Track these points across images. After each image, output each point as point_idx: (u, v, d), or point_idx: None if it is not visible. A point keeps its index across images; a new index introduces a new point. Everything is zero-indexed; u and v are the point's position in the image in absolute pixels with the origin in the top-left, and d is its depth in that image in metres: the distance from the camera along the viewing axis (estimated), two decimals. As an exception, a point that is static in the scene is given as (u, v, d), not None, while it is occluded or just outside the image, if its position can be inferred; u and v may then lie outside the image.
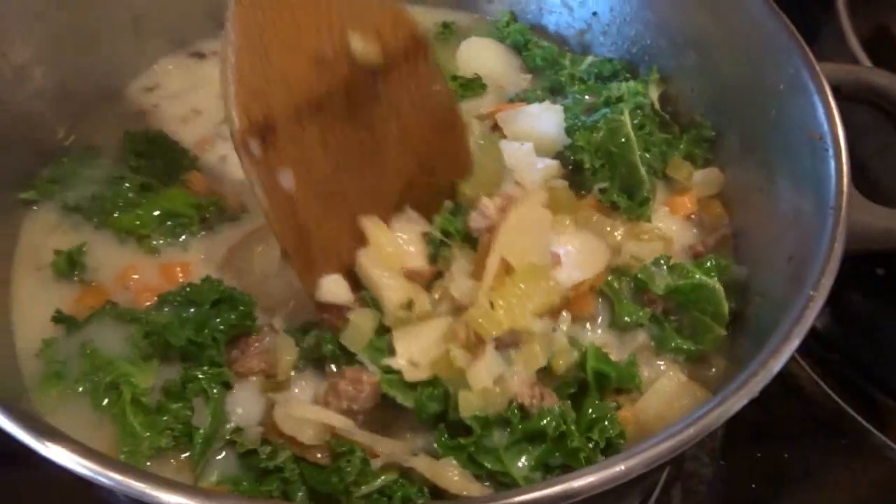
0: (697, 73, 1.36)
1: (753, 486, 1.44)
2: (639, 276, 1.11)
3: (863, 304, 1.58)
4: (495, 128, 1.36)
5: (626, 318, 1.10)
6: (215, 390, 0.99)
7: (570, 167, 1.28)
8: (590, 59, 1.48)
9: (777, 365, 0.83)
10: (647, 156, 1.25)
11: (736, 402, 0.82)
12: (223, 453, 0.98)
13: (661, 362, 1.12)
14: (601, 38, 1.53)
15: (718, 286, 1.08)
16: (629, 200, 1.23)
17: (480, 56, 1.53)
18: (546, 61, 1.50)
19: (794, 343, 0.85)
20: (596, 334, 1.12)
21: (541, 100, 1.40)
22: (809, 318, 0.85)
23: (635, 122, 1.26)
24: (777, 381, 1.69)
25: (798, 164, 1.08)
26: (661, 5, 1.41)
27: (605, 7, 1.50)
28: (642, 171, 1.23)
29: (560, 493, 0.73)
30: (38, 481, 1.25)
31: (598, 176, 1.25)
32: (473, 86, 1.47)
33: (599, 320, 1.13)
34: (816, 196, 0.99)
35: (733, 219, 1.27)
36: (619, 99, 1.30)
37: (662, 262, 1.13)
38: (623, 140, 1.24)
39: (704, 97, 1.35)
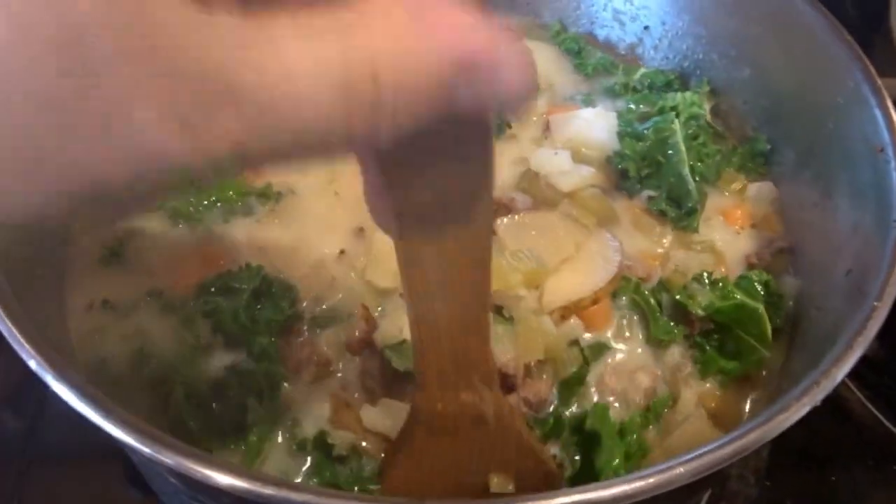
0: (751, 87, 1.35)
1: (800, 504, 1.42)
2: (678, 297, 1.11)
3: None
4: (546, 129, 1.38)
5: (662, 337, 1.10)
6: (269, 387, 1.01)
7: (618, 174, 1.29)
8: (643, 69, 1.49)
9: (840, 373, 0.82)
10: (700, 166, 1.25)
11: (797, 410, 0.80)
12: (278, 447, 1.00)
13: (706, 383, 1.12)
14: (652, 51, 1.54)
15: (761, 307, 1.07)
16: (677, 210, 1.23)
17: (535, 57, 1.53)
18: (599, 69, 1.51)
19: (857, 353, 0.83)
20: (628, 347, 1.12)
21: (593, 105, 1.41)
22: (873, 329, 0.84)
23: (689, 132, 1.26)
24: (825, 403, 1.66)
25: (857, 178, 1.07)
26: (714, 20, 1.40)
27: (657, 21, 1.51)
28: (691, 181, 1.23)
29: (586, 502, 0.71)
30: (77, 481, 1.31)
31: (644, 184, 1.26)
32: None
33: (629, 334, 1.13)
34: (878, 209, 0.98)
35: (788, 233, 1.26)
36: (674, 109, 1.31)
37: (705, 277, 1.12)
38: (671, 151, 1.24)
39: (758, 111, 1.35)
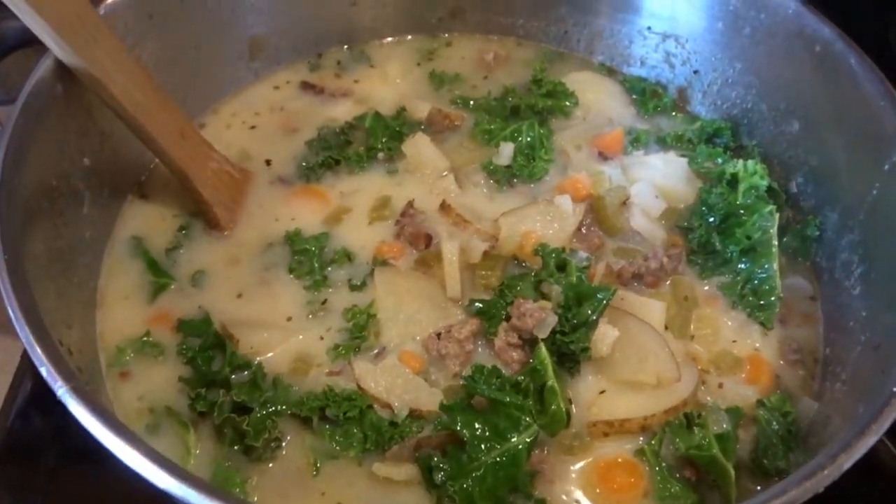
0: (798, 142, 1.35)
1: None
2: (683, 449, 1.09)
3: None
4: (602, 156, 1.45)
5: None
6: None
7: (693, 245, 1.31)
8: (699, 123, 1.51)
9: (849, 461, 0.83)
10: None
11: (800, 495, 0.81)
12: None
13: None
14: (700, 95, 1.55)
15: (730, 469, 1.05)
16: (756, 299, 1.25)
17: (588, 85, 1.59)
18: (659, 111, 1.55)
19: (870, 440, 0.84)
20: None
21: (650, 148, 1.47)
22: (889, 416, 0.84)
23: (748, 202, 1.29)
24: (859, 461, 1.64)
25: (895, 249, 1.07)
26: (766, 70, 1.41)
27: (707, 67, 1.52)
28: (778, 279, 1.25)
29: None
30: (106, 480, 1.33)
31: (728, 266, 1.28)
32: (561, 100, 1.53)
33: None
34: None
35: (824, 296, 1.26)
36: (734, 177, 1.32)
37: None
38: (763, 241, 1.27)
39: (804, 167, 1.35)
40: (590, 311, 1.13)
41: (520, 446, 1.04)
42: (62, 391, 0.83)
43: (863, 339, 1.09)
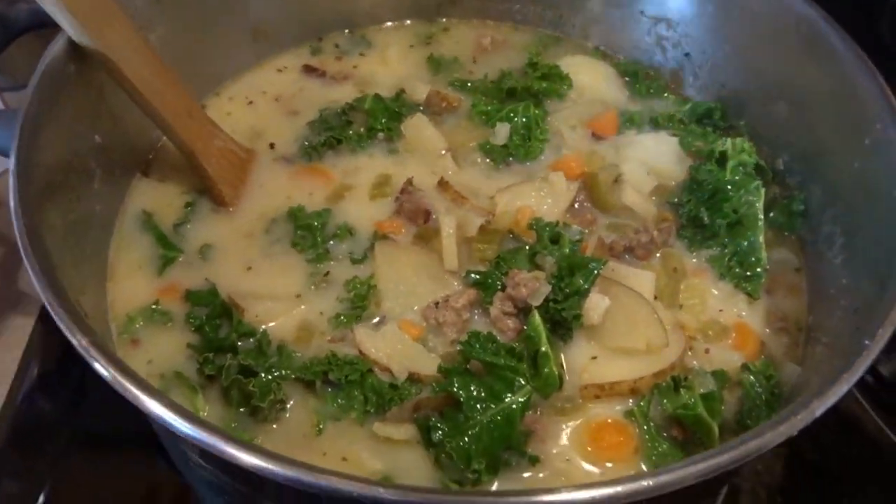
0: (785, 122, 1.40)
1: (811, 524, 1.46)
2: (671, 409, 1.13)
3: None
4: (596, 136, 1.50)
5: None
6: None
7: (683, 220, 1.36)
8: (690, 104, 1.56)
9: (821, 407, 0.86)
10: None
11: (773, 438, 0.86)
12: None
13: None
14: (691, 78, 1.60)
15: (715, 427, 1.10)
16: (742, 271, 1.30)
17: (583, 68, 1.64)
18: (651, 93, 1.60)
19: (842, 389, 0.88)
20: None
21: (643, 129, 1.51)
22: (861, 366, 0.89)
23: (736, 178, 1.33)
24: (839, 423, 1.68)
25: (876, 220, 1.12)
26: (754, 52, 1.45)
27: (698, 49, 1.56)
28: (763, 250, 1.30)
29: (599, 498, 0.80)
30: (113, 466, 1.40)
31: (716, 240, 1.33)
32: (556, 83, 1.57)
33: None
34: (893, 251, 1.02)
35: (808, 267, 1.31)
36: (723, 154, 1.36)
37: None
38: (749, 213, 1.31)
39: (790, 145, 1.39)
40: (582, 281, 1.18)
41: (514, 406, 1.08)
42: (83, 343, 0.87)
43: (843, 305, 1.14)
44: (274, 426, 1.13)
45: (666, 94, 1.61)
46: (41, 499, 1.36)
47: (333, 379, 1.14)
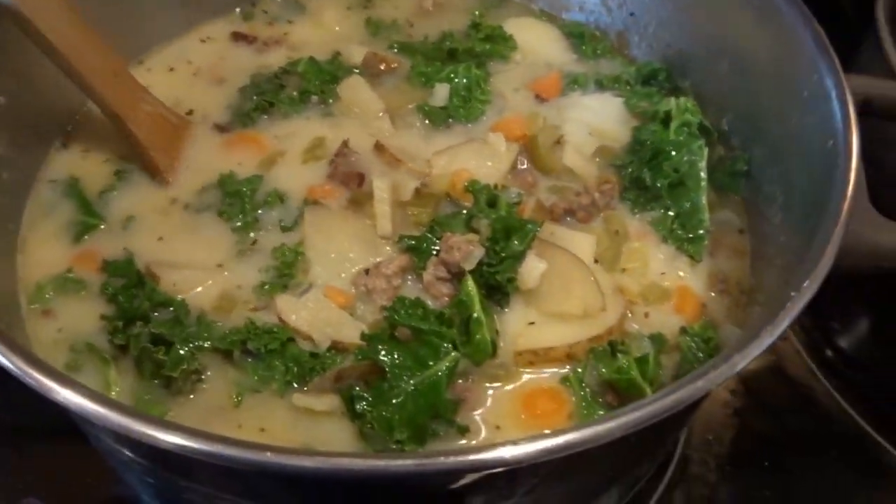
0: (728, 81, 1.36)
1: (760, 494, 1.43)
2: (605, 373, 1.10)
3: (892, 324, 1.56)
4: (539, 98, 1.45)
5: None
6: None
7: (626, 181, 1.32)
8: (636, 65, 1.52)
9: (742, 362, 0.83)
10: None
11: (692, 392, 0.82)
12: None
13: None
14: (637, 38, 1.56)
15: (648, 390, 1.06)
16: (685, 232, 1.26)
17: (527, 29, 1.59)
18: (598, 54, 1.55)
19: (765, 342, 0.85)
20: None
21: (588, 90, 1.47)
22: (784, 319, 0.85)
23: (680, 138, 1.29)
24: (791, 394, 1.67)
25: (809, 175, 1.08)
26: (696, 10, 1.41)
27: (641, 9, 1.52)
28: (706, 211, 1.26)
29: (551, 447, 0.77)
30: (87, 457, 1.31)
31: (658, 202, 1.29)
32: (499, 44, 1.53)
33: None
34: (822, 206, 0.98)
35: (750, 228, 1.27)
36: (668, 114, 1.32)
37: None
38: (692, 174, 1.27)
39: (733, 105, 1.36)
40: (517, 243, 1.14)
41: (439, 373, 1.04)
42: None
43: (778, 264, 1.11)
44: (190, 397, 1.08)
45: (612, 56, 1.56)
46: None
47: (252, 349, 1.09)
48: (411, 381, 1.03)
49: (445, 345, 1.06)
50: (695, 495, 1.44)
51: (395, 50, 1.55)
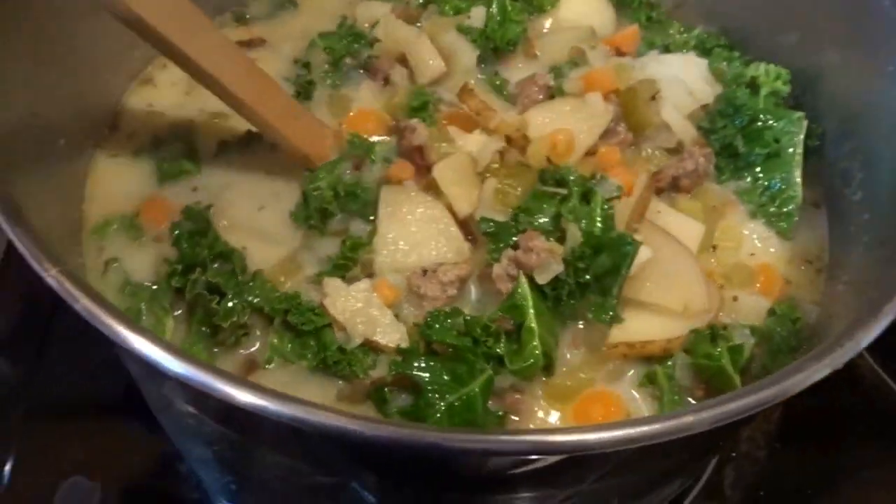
0: (796, 53, 1.33)
1: (807, 471, 1.45)
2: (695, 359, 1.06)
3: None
4: (619, 53, 1.38)
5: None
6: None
7: (715, 147, 1.26)
8: (697, 30, 1.46)
9: (866, 338, 0.82)
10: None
11: (817, 370, 0.81)
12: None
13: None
14: (695, 12, 1.52)
15: (737, 381, 1.02)
16: (776, 208, 1.22)
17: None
18: (652, 21, 1.50)
19: (886, 319, 0.83)
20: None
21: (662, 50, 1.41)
22: None
23: (771, 107, 1.26)
24: (838, 371, 1.69)
25: (900, 149, 1.07)
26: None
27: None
28: (800, 186, 1.22)
29: (620, 438, 0.74)
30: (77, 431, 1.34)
31: (749, 171, 1.24)
32: None
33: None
34: None
35: (826, 204, 1.25)
36: (754, 80, 1.29)
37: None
38: (789, 148, 1.23)
39: (803, 77, 1.32)
40: (606, 260, 1.03)
41: (473, 392, 0.99)
42: (52, 273, 0.77)
43: (865, 240, 1.09)
44: (230, 349, 1.07)
45: (667, 25, 1.51)
46: (7, 467, 1.31)
47: (291, 321, 1.06)
48: (446, 399, 0.98)
49: (480, 363, 1.01)
50: (745, 472, 1.45)
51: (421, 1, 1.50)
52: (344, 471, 0.97)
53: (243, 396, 0.74)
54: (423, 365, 1.00)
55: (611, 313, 1.03)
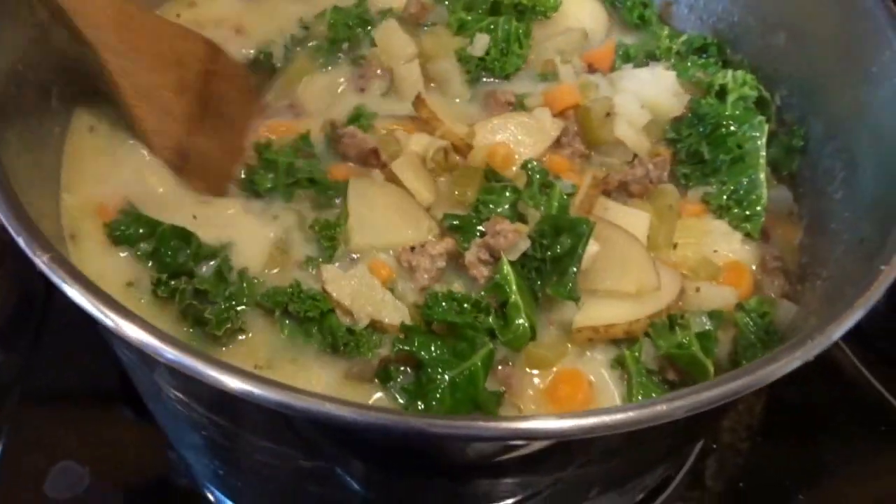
0: (785, 54, 1.35)
1: (788, 463, 1.47)
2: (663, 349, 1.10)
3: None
4: (591, 69, 1.43)
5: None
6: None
7: (681, 155, 1.30)
8: (685, 36, 1.49)
9: (838, 331, 0.84)
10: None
11: (788, 362, 0.82)
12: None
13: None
14: (686, 10, 1.54)
15: (710, 366, 1.07)
16: (741, 210, 1.25)
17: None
18: (643, 21, 1.52)
19: (858, 313, 0.85)
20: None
21: (639, 62, 1.44)
22: (877, 291, 0.86)
23: (737, 112, 1.28)
24: (819, 365, 1.72)
25: (884, 150, 1.08)
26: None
27: (693, -22, 1.49)
28: (764, 186, 1.25)
29: (595, 425, 0.76)
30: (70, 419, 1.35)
31: (715, 177, 1.27)
32: (542, 2, 1.48)
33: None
34: None
35: (805, 204, 1.27)
36: (723, 88, 1.31)
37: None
38: (751, 149, 1.26)
39: (789, 78, 1.35)
40: (567, 240, 1.10)
41: (475, 365, 1.02)
42: (44, 260, 0.78)
43: (846, 238, 1.11)
44: (224, 349, 1.07)
45: (658, 28, 1.53)
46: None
47: (293, 311, 1.08)
48: (447, 375, 1.01)
49: (480, 337, 1.04)
50: (726, 464, 1.47)
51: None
52: (331, 457, 1.00)
53: (232, 382, 0.75)
54: (424, 342, 1.03)
55: (569, 286, 1.08)
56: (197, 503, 1.36)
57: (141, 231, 1.12)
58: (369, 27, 1.43)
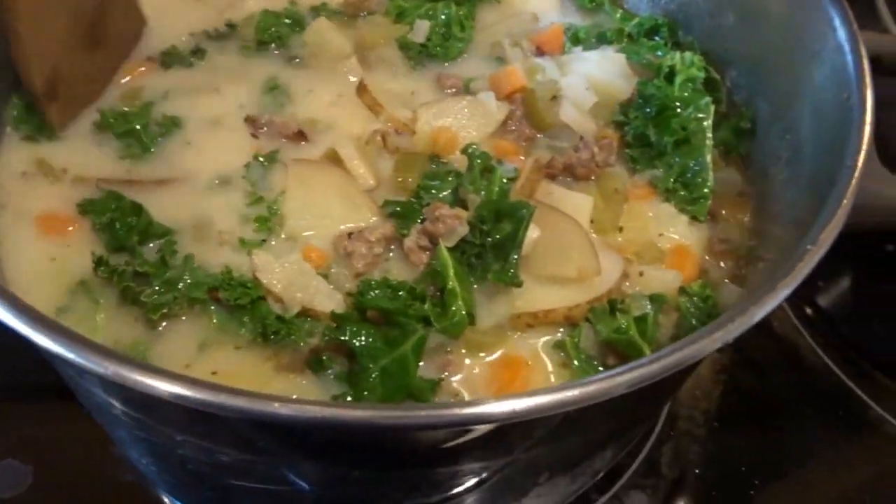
0: (734, 35, 1.34)
1: (745, 450, 1.45)
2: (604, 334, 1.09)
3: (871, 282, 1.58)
4: (539, 52, 1.42)
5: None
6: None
7: (629, 138, 1.29)
8: (637, 18, 1.48)
9: (759, 313, 0.82)
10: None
11: (709, 344, 0.81)
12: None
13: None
14: (638, -9, 1.52)
15: (646, 350, 1.05)
16: (688, 193, 1.24)
17: None
18: (596, 4, 1.51)
19: (781, 295, 0.84)
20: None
21: (589, 44, 1.43)
22: (802, 272, 0.85)
23: (685, 94, 1.27)
24: (777, 351, 1.70)
25: (823, 128, 1.07)
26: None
27: (646, -41, 1.48)
28: (711, 170, 1.24)
29: (528, 408, 0.75)
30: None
31: (662, 160, 1.26)
32: None
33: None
34: (837, 159, 0.97)
35: (753, 186, 1.26)
36: (672, 69, 1.29)
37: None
38: (698, 132, 1.25)
39: (738, 59, 1.33)
40: (507, 226, 1.09)
41: (406, 353, 1.00)
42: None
43: (785, 220, 1.10)
44: (160, 330, 1.06)
45: (612, 9, 1.52)
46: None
47: (223, 299, 1.05)
48: (379, 363, 0.99)
49: (412, 324, 1.02)
50: (683, 451, 1.45)
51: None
52: (270, 454, 0.97)
53: (156, 384, 0.73)
54: (356, 330, 1.01)
55: (511, 272, 1.06)
56: (144, 500, 1.34)
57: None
58: (297, 28, 1.41)
